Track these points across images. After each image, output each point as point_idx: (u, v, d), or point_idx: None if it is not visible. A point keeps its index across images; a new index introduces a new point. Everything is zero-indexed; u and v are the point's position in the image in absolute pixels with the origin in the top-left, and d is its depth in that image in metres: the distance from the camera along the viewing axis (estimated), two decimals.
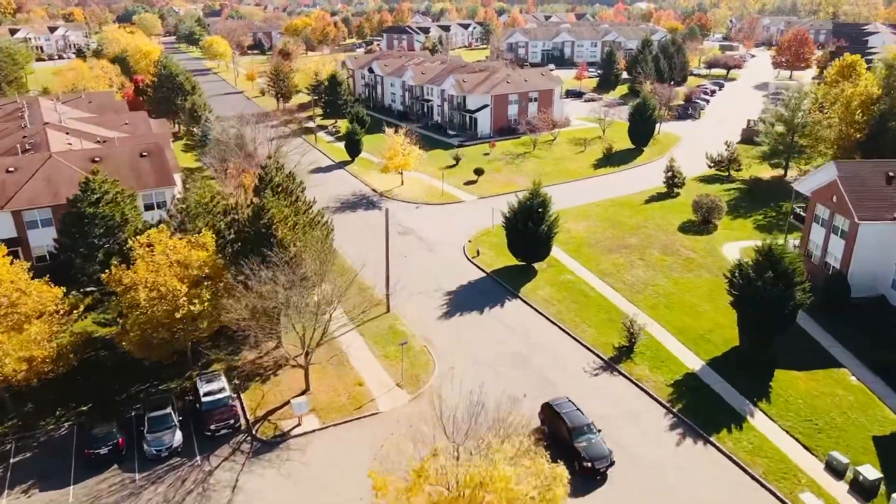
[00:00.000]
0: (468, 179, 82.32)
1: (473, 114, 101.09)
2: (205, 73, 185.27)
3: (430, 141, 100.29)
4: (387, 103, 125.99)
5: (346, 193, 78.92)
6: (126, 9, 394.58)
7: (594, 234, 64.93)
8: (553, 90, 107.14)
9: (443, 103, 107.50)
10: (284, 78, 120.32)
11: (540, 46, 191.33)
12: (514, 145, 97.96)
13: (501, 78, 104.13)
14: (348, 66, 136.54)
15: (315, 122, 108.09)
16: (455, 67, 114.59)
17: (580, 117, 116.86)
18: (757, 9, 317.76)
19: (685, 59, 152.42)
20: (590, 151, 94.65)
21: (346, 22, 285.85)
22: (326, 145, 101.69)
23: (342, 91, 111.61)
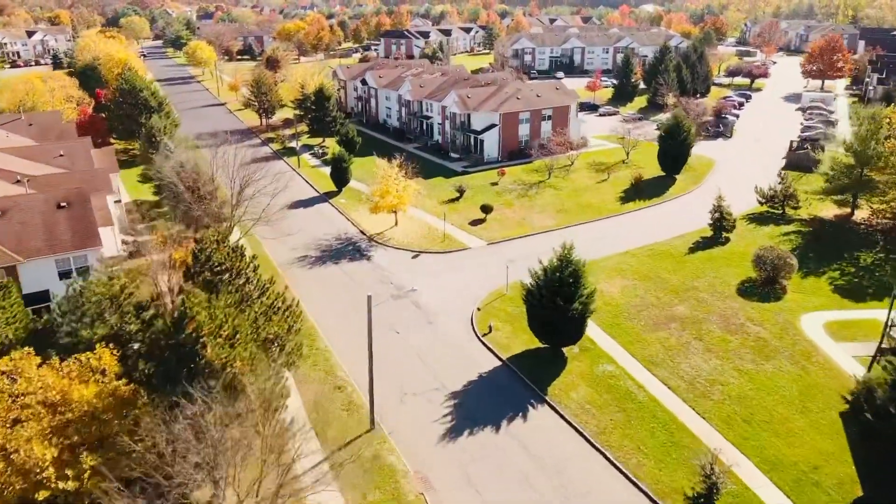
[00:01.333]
0: (474, 218, 69.54)
1: (479, 135, 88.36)
2: (188, 81, 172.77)
3: (429, 166, 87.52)
4: (381, 119, 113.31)
5: (329, 236, 66.09)
6: (116, 11, 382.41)
7: (633, 298, 52.12)
8: (569, 106, 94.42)
9: (444, 121, 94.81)
10: (267, 91, 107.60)
11: (548, 53, 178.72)
12: (526, 172, 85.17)
13: (511, 93, 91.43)
14: (339, 77, 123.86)
15: (298, 142, 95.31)
16: (458, 80, 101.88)
17: (598, 135, 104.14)
18: (771, 11, 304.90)
19: (708, 67, 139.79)
20: (614, 180, 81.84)
21: (342, 26, 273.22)
22: (311, 170, 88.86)
23: (330, 106, 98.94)
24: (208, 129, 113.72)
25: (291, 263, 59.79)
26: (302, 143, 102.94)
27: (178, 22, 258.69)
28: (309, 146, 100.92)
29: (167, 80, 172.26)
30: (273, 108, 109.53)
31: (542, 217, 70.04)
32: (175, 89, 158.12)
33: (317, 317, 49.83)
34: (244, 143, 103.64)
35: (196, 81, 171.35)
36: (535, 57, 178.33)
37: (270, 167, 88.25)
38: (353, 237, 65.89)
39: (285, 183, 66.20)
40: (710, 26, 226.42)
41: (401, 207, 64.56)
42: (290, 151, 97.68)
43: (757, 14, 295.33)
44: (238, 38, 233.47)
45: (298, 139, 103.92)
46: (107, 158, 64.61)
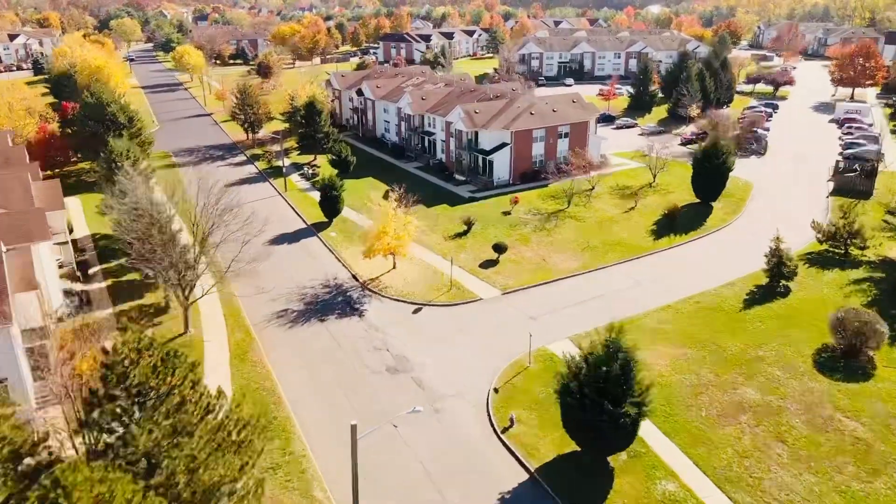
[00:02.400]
0: (486, 258, 59.59)
1: (488, 155, 78.43)
2: (174, 88, 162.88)
3: (431, 191, 77.65)
4: (379, 133, 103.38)
5: (316, 282, 56.07)
6: (109, 13, 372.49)
7: (686, 374, 42.17)
8: (588, 123, 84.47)
9: (448, 138, 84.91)
10: (253, 102, 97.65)
11: (556, 58, 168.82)
12: (542, 198, 75.21)
13: (523, 108, 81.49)
14: (334, 86, 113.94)
15: (284, 158, 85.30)
16: (463, 92, 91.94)
17: (618, 153, 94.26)
18: (785, 13, 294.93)
19: (731, 75, 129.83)
20: (643, 208, 71.86)
21: (339, 28, 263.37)
22: (299, 195, 78.86)
23: (322, 121, 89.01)
24: (189, 143, 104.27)
25: (269, 321, 49.79)
26: (291, 161, 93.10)
27: (168, 24, 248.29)
28: (298, 165, 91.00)
29: (152, 87, 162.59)
30: (259, 121, 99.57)
31: (565, 257, 60.07)
32: (159, 97, 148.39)
33: (294, 402, 39.87)
34: (226, 161, 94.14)
35: (183, 89, 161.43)
36: (542, 62, 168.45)
37: (250, 193, 78.56)
38: (344, 284, 55.86)
39: (261, 226, 55.75)
40: (725, 29, 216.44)
41: (400, 251, 54.56)
42: (277, 171, 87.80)
43: (770, 16, 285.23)
44: (231, 41, 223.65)
45: (285, 157, 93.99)
46: (50, 193, 54.71)
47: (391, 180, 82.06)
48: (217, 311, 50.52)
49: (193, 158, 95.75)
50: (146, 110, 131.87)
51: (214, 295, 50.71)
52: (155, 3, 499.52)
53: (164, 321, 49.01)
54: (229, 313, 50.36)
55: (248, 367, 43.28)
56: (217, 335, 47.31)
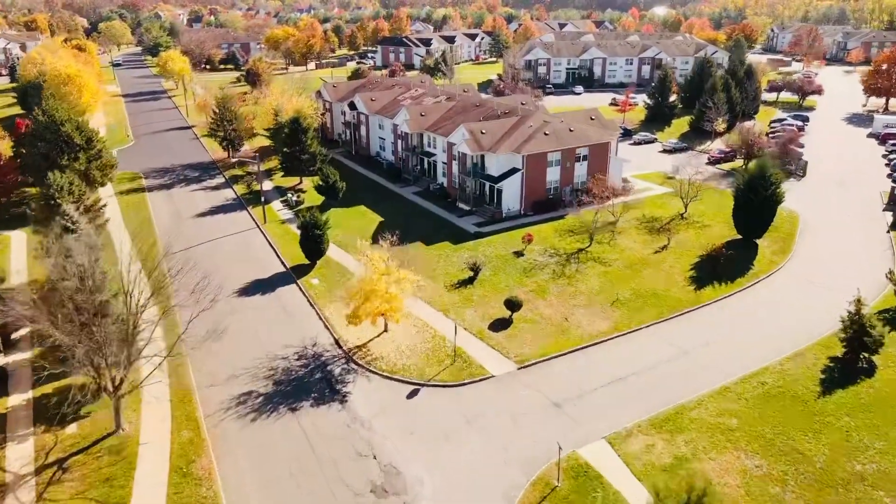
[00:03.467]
0: (496, 317, 49.58)
1: (496, 182, 68.40)
2: (158, 96, 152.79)
3: (431, 223, 67.73)
4: (373, 151, 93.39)
5: (290, 350, 45.98)
6: (101, 15, 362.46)
7: (765, 499, 32.08)
8: (609, 144, 74.44)
9: (450, 161, 74.91)
10: (232, 118, 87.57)
11: (564, 65, 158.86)
12: (559, 233, 65.18)
13: (536, 127, 71.47)
14: (324, 98, 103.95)
15: (261, 181, 75.24)
16: (467, 107, 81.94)
17: (640, 175, 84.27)
18: (799, 16, 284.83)
19: (758, 84, 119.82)
20: (677, 247, 61.80)
21: (336, 31, 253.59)
22: (279, 228, 68.77)
23: (308, 140, 78.99)
24: (163, 162, 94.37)
25: (227, 410, 39.68)
26: (273, 185, 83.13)
27: (157, 27, 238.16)
28: (282, 190, 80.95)
29: (135, 96, 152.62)
30: (240, 138, 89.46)
31: (591, 314, 50.00)
32: (140, 107, 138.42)
33: None
34: (202, 184, 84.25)
35: (167, 97, 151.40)
36: (550, 69, 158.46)
37: (224, 225, 68.53)
38: (324, 353, 45.75)
39: (213, 292, 45.49)
40: (739, 32, 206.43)
41: (392, 316, 44.45)
42: (258, 196, 77.79)
43: (783, 19, 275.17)
44: (222, 45, 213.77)
45: (267, 179, 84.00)
46: None
47: (386, 209, 72.42)
48: (163, 395, 40.46)
49: (165, 180, 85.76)
50: (122, 122, 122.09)
51: (162, 369, 40.75)
52: (151, 4, 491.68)
53: (95, 410, 38.96)
54: (178, 399, 40.30)
55: (190, 487, 33.22)
56: (158, 434, 37.25)
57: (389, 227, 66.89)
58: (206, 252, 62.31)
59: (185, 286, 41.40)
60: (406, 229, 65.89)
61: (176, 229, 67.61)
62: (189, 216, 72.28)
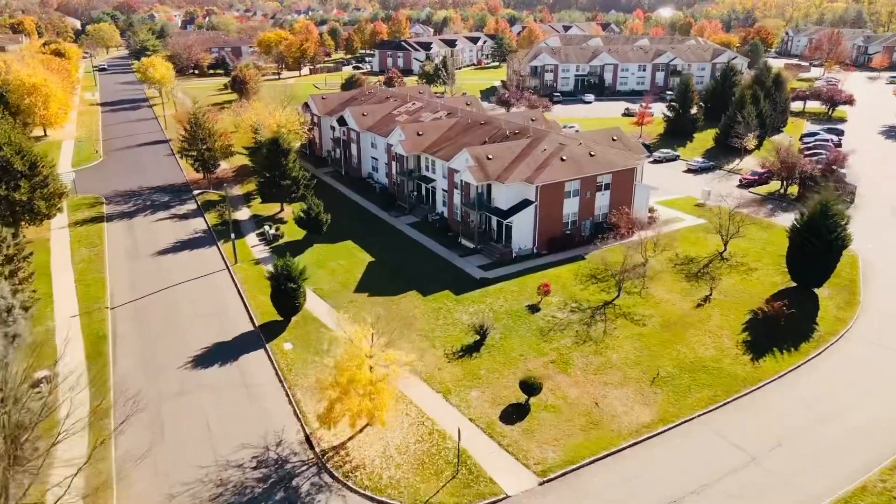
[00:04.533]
0: (508, 402, 39.65)
1: (505, 217, 58.45)
2: (138, 105, 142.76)
3: (430, 265, 57.82)
4: (365, 172, 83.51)
5: (246, 453, 35.87)
6: (91, 17, 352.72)
7: None
8: (633, 170, 64.51)
9: (451, 188, 65.00)
10: (206, 136, 77.59)
11: (572, 71, 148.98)
12: (580, 279, 55.26)
13: (550, 151, 61.58)
14: (312, 111, 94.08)
15: (229, 217, 65.18)
16: (471, 125, 72.08)
17: (665, 201, 74.41)
18: (814, 18, 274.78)
19: (786, 94, 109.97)
20: (721, 298, 51.84)
21: (333, 34, 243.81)
22: (252, 271, 58.76)
23: (289, 164, 69.12)
24: (131, 183, 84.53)
25: None
26: (251, 213, 73.25)
27: (144, 30, 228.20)
28: (259, 219, 71.00)
29: (114, 104, 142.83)
30: (215, 158, 79.45)
31: (628, 397, 40.08)
32: (117, 117, 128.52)
33: None
34: (170, 212, 74.31)
35: (147, 106, 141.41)
36: (557, 75, 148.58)
37: (188, 265, 58.49)
38: (291, 457, 35.75)
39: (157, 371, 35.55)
40: (755, 36, 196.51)
41: (375, 418, 34.34)
42: (233, 227, 67.93)
43: (797, 21, 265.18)
44: (212, 49, 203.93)
45: (236, 208, 74.12)
46: None
47: (377, 246, 62.54)
48: None
49: (129, 207, 75.85)
50: (95, 135, 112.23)
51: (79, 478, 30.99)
52: (147, 6, 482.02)
53: None
54: None
55: None
56: None
57: (380, 269, 57.29)
58: (162, 303, 52.47)
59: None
60: (399, 273, 56.26)
61: (130, 271, 57.86)
62: (149, 253, 62.36)
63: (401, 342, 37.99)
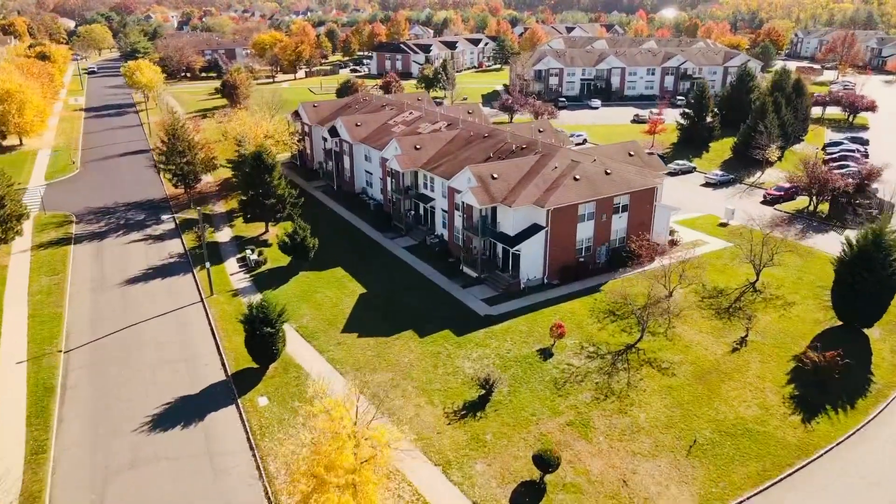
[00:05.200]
0: (521, 478, 33.37)
1: (513, 245, 52.15)
2: (123, 111, 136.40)
3: (428, 298, 51.56)
4: (358, 186, 77.28)
5: None
6: (85, 18, 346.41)
7: None
8: (654, 190, 58.23)
9: (452, 209, 58.75)
10: (185, 149, 71.27)
11: (578, 75, 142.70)
12: (596, 316, 48.98)
13: (562, 169, 55.35)
14: (303, 120, 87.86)
15: (203, 234, 58.98)
16: (473, 138, 65.84)
17: (684, 220, 68.14)
18: (824, 19, 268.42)
19: (808, 102, 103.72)
20: (759, 341, 45.58)
21: (330, 36, 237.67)
22: (229, 304, 52.40)
23: (273, 181, 62.91)
24: (106, 198, 78.57)
25: None
26: (233, 234, 67.04)
27: (135, 31, 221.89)
28: (241, 241, 64.77)
29: (98, 110, 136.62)
30: (195, 173, 73.13)
31: (662, 472, 33.78)
32: (101, 123, 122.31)
33: None
34: (145, 232, 68.08)
35: (134, 111, 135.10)
36: (562, 79, 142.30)
37: (158, 298, 52.21)
38: None
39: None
40: (765, 37, 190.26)
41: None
42: (212, 250, 61.81)
43: (806, 22, 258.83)
44: (206, 51, 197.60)
45: (225, 226, 67.88)
46: None
47: (370, 274, 56.35)
48: None
49: (101, 226, 69.63)
50: (75, 143, 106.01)
51: None
52: (144, 6, 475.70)
53: None
54: None
55: None
56: None
57: (372, 303, 51.11)
58: (124, 344, 46.25)
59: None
60: (393, 308, 50.13)
61: (93, 304, 51.61)
62: (116, 282, 56.12)
63: (394, 395, 31.75)
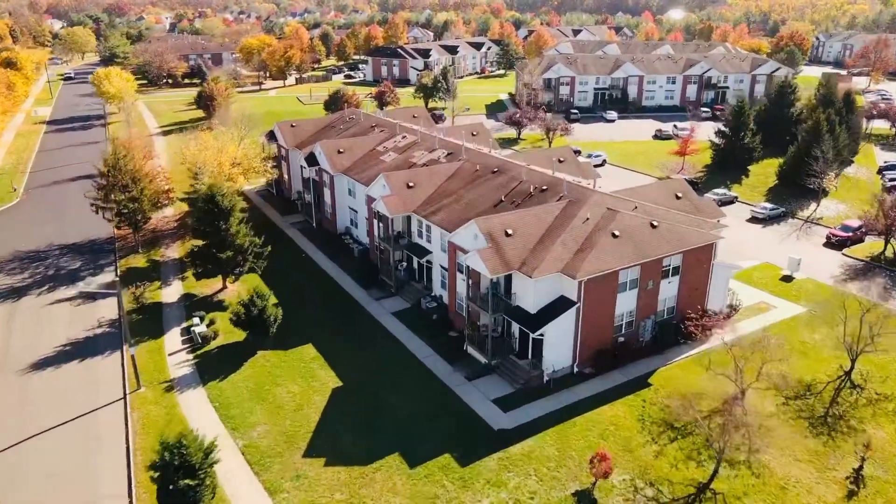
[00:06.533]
0: None
1: (535, 327, 39.29)
2: (90, 124, 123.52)
3: (422, 394, 38.81)
4: (341, 226, 64.61)
5: None
6: (71, 19, 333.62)
7: None
8: (713, 247, 45.43)
9: (454, 268, 45.96)
10: (129, 183, 58.35)
11: (591, 84, 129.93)
12: (648, 429, 36.18)
13: (596, 222, 42.62)
14: (279, 142, 75.22)
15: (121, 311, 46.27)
16: (478, 174, 53.06)
17: (737, 274, 54.95)
18: (844, 21, 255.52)
19: (859, 118, 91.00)
20: (883, 481, 32.87)
21: (324, 39, 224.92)
22: (160, 402, 39.65)
23: (231, 228, 50.17)
24: (39, 239, 66.06)
25: None
26: (184, 290, 54.35)
27: (116, 34, 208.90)
28: (192, 300, 52.09)
29: (62, 123, 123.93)
30: (142, 212, 60.09)
31: None
32: (62, 139, 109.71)
33: None
34: (75, 287, 55.00)
35: (101, 124, 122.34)
36: (574, 89, 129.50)
37: (65, 393, 39.37)
38: None
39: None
40: (788, 42, 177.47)
41: None
42: (154, 314, 49.20)
43: (828, 25, 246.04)
44: (191, 56, 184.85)
45: (176, 279, 55.08)
46: None
47: (348, 355, 43.53)
48: None
49: (24, 278, 56.97)
50: (23, 165, 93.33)
51: None
52: (139, 8, 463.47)
53: None
54: None
55: None
56: None
57: (349, 405, 38.35)
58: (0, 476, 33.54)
59: None
60: (376, 414, 37.46)
61: None
62: (19, 367, 43.47)
63: None
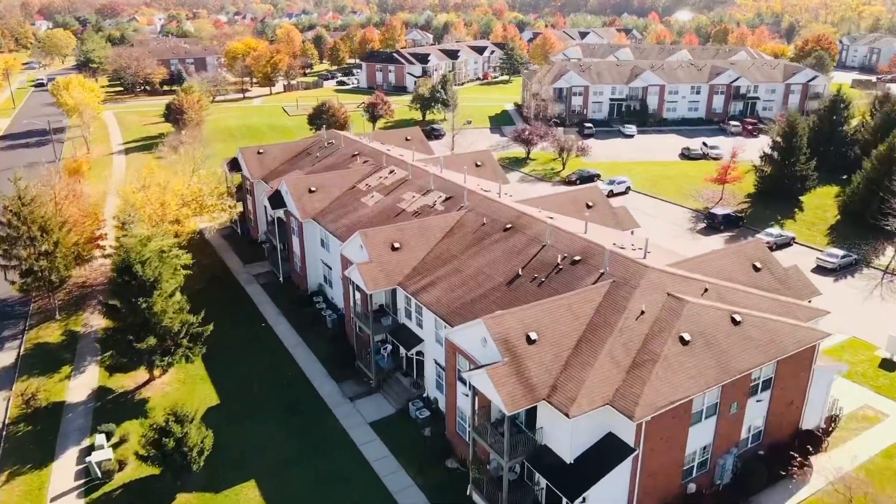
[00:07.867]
0: None
1: (573, 493, 26.25)
2: (46, 140, 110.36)
3: None
4: (313, 284, 51.68)
5: None
6: (56, 21, 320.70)
7: None
8: (814, 349, 32.44)
9: (454, 372, 33.02)
10: (38, 235, 45.52)
11: (607, 94, 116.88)
12: None
13: (656, 316, 29.55)
14: (244, 173, 62.31)
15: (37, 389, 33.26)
16: (487, 234, 40.06)
17: None
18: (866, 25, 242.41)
19: None
20: None
21: (317, 43, 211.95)
22: None
23: (152, 306, 37.19)
24: None
25: None
26: (98, 383, 41.40)
27: (94, 37, 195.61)
28: (105, 400, 39.20)
29: (16, 138, 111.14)
30: (56, 270, 47.16)
31: None
32: (8, 159, 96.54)
33: None
34: None
35: (59, 141, 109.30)
36: (587, 99, 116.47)
37: None
38: None
39: None
40: (814, 46, 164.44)
41: None
42: (53, 418, 36.42)
43: (851, 27, 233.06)
44: (172, 60, 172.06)
45: (92, 365, 42.19)
46: None
47: (305, 498, 30.53)
48: None
49: None
50: None
51: None
52: (133, 9, 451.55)
53: None
54: None
55: None
56: None
57: None
58: None
59: None
60: None
61: None
62: None
63: None
